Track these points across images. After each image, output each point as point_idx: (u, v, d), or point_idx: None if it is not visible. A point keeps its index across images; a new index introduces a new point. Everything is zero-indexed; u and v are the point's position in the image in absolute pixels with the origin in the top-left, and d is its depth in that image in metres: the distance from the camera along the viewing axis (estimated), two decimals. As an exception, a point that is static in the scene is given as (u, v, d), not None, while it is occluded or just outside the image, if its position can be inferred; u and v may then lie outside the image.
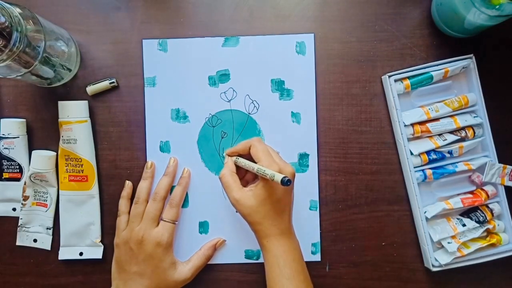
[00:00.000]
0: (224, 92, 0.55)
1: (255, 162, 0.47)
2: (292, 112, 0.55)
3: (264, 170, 0.44)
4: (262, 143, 0.49)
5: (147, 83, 0.55)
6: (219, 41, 0.55)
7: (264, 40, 0.54)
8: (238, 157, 0.51)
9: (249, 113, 0.55)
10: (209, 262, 0.54)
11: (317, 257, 0.54)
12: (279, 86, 0.55)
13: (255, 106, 0.55)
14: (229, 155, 0.51)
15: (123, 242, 0.51)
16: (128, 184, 0.54)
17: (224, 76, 0.55)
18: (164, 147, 0.55)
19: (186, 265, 0.52)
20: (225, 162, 0.51)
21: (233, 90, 0.55)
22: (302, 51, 0.54)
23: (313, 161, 0.54)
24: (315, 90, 0.54)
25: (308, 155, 0.54)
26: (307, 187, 0.54)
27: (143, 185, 0.53)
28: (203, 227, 0.55)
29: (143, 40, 0.55)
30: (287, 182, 0.41)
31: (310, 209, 0.54)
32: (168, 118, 0.55)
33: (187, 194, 0.55)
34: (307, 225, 0.54)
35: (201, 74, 0.55)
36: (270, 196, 0.45)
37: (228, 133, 0.55)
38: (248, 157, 0.49)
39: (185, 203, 0.55)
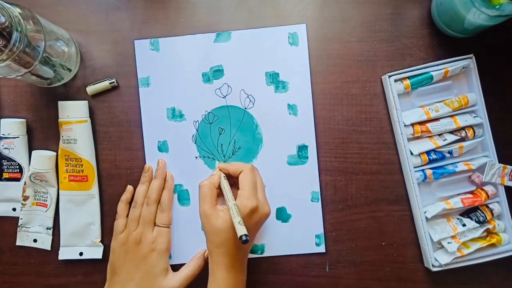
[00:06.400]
0: (219, 88, 0.55)
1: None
2: (288, 104, 0.54)
3: (233, 213, 0.44)
4: (253, 174, 0.48)
5: (141, 84, 0.55)
6: (211, 37, 0.54)
7: (256, 33, 0.54)
8: (224, 177, 0.49)
9: (245, 108, 0.55)
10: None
11: (322, 249, 0.54)
12: (274, 79, 0.54)
13: (250, 101, 0.55)
14: (220, 169, 0.50)
15: (120, 244, 0.51)
16: (129, 188, 0.54)
17: (218, 72, 0.55)
18: (162, 147, 0.55)
19: (175, 275, 0.52)
20: (212, 174, 0.50)
21: (228, 86, 0.55)
22: (295, 42, 0.54)
23: (312, 153, 0.54)
24: (310, 81, 0.54)
25: (307, 146, 0.54)
26: (307, 179, 0.54)
27: (140, 189, 0.53)
28: (203, 226, 0.55)
29: (135, 41, 0.54)
30: (244, 242, 0.41)
31: (312, 200, 0.54)
32: (164, 117, 0.55)
33: (187, 192, 0.55)
34: (310, 217, 0.54)
35: (194, 71, 0.54)
36: (233, 228, 0.44)
37: (225, 129, 0.55)
38: (235, 179, 0.49)
39: (186, 201, 0.55)
